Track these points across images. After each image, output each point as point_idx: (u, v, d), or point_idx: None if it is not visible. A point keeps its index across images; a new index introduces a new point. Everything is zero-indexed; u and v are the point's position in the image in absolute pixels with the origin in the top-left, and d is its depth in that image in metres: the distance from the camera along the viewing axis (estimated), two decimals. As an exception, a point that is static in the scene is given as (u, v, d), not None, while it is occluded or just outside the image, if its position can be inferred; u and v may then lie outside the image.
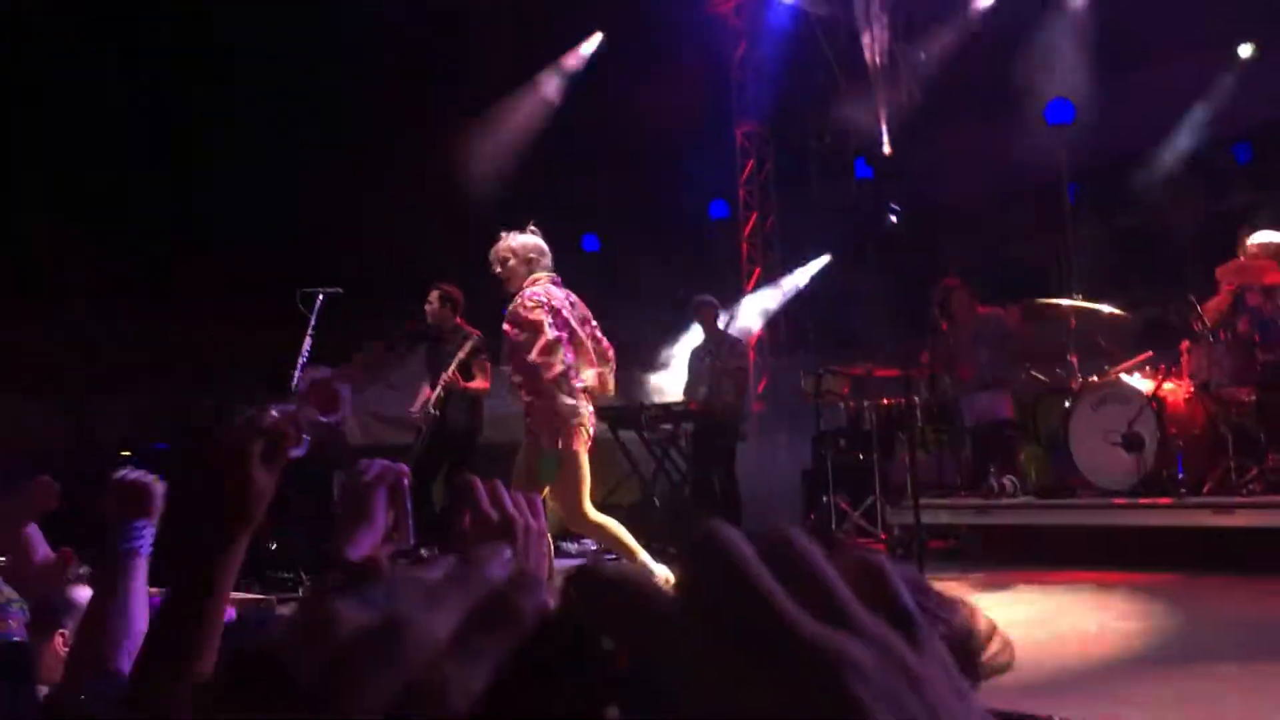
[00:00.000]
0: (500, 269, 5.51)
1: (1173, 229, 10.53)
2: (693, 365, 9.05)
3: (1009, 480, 7.13)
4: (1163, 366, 6.66)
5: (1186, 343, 6.62)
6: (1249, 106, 9.84)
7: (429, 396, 7.68)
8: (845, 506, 8.17)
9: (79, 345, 9.82)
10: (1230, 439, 6.30)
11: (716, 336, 8.99)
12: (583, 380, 5.33)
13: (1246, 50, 10.16)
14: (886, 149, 11.44)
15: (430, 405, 7.55)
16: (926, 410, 7.78)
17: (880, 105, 11.36)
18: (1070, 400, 6.91)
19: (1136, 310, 7.50)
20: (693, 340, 9.49)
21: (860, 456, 8.38)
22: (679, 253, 12.76)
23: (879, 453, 8.13)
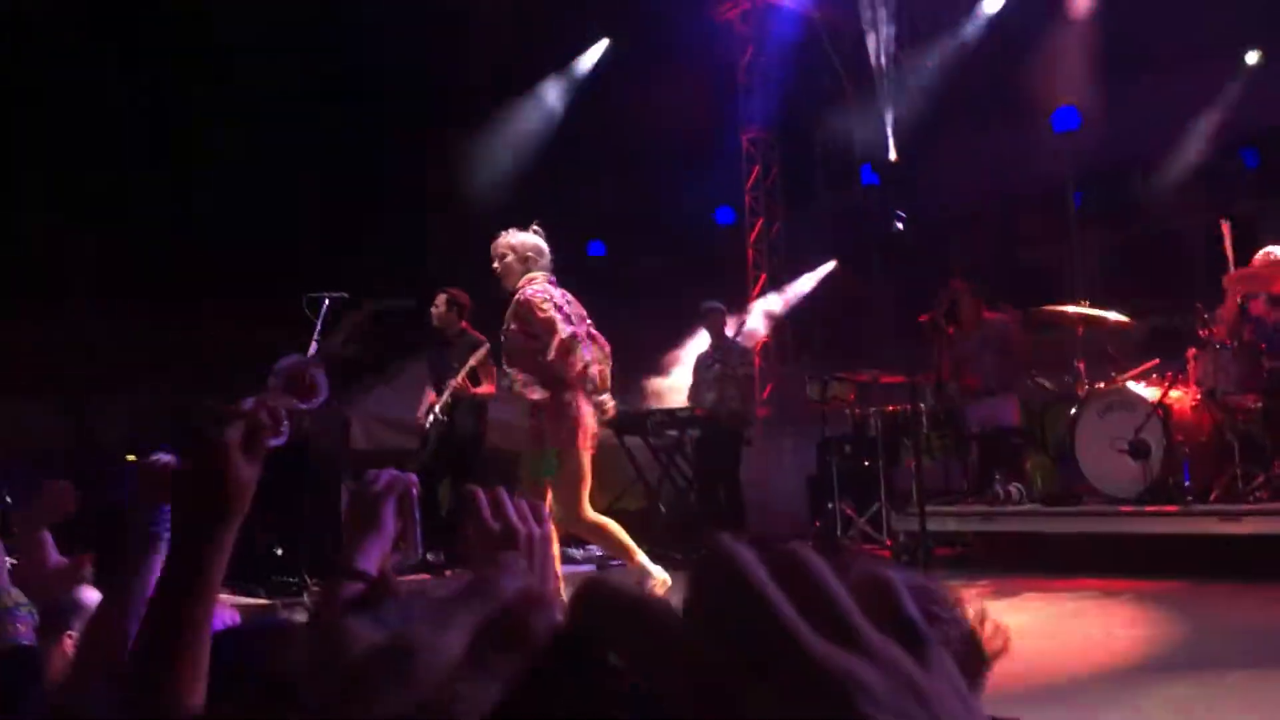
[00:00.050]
0: (497, 264, 5.47)
1: (1179, 236, 10.52)
2: (699, 371, 9.04)
3: (1015, 487, 7.11)
4: (1169, 374, 6.64)
5: (1193, 350, 6.60)
6: (1256, 112, 9.82)
7: (434, 402, 7.68)
8: (850, 513, 8.15)
9: (79, 345, 9.84)
10: (1237, 446, 6.28)
11: (724, 343, 8.99)
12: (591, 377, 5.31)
13: (1253, 57, 10.14)
14: (892, 155, 11.44)
15: (438, 411, 7.56)
16: (932, 416, 7.76)
17: (886, 112, 11.36)
18: (1077, 407, 6.89)
19: (1143, 317, 7.49)
20: (699, 346, 9.48)
21: (866, 463, 8.36)
22: (684, 259, 12.77)
23: (884, 459, 8.11)
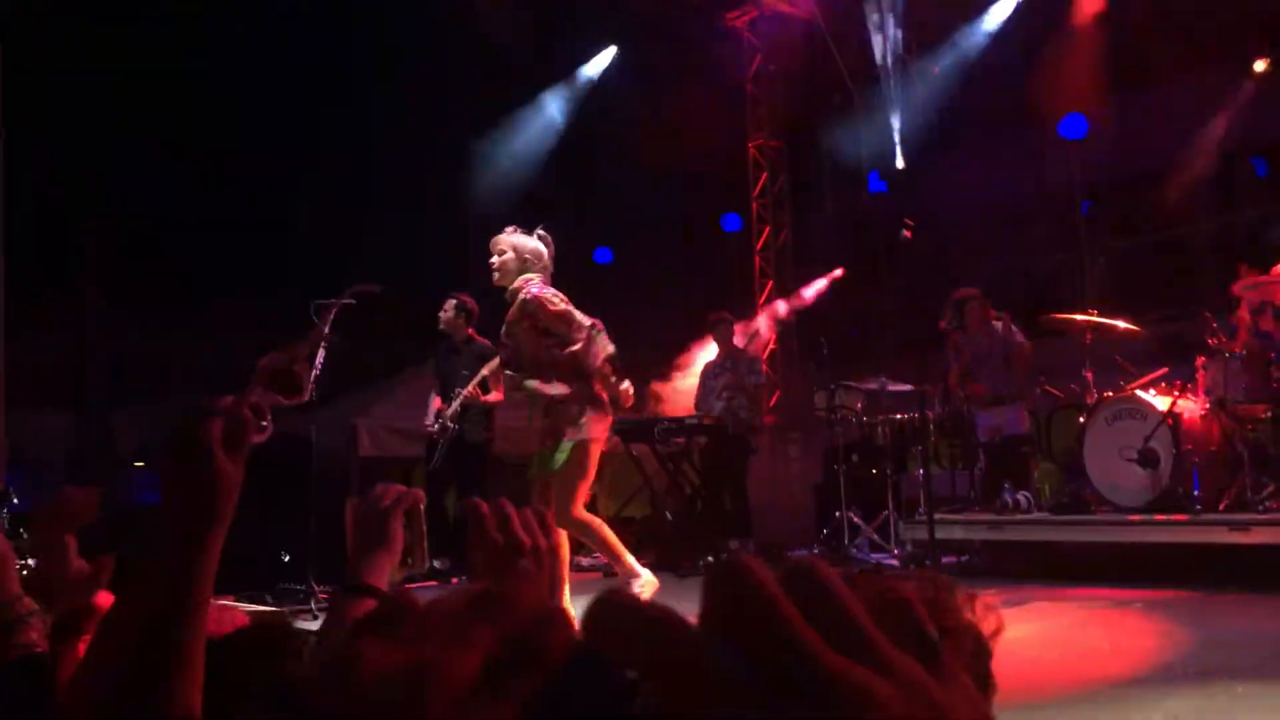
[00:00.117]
0: (496, 259, 5.40)
1: (1187, 244, 10.49)
2: (706, 380, 9.04)
3: (1023, 496, 7.09)
4: (1178, 382, 6.62)
5: (1202, 359, 6.59)
6: (1266, 120, 9.80)
7: (441, 408, 7.69)
8: (858, 521, 8.13)
9: (102, 357, 9.87)
10: (1246, 456, 6.26)
11: (732, 353, 9.00)
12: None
13: (1261, 66, 10.12)
14: (900, 163, 11.43)
15: (448, 419, 7.57)
16: (940, 425, 7.75)
17: (894, 119, 11.36)
18: (1085, 416, 6.88)
19: (1150, 325, 7.47)
20: (706, 354, 9.48)
21: (873, 471, 8.35)
22: (692, 266, 12.78)
23: (892, 467, 8.09)
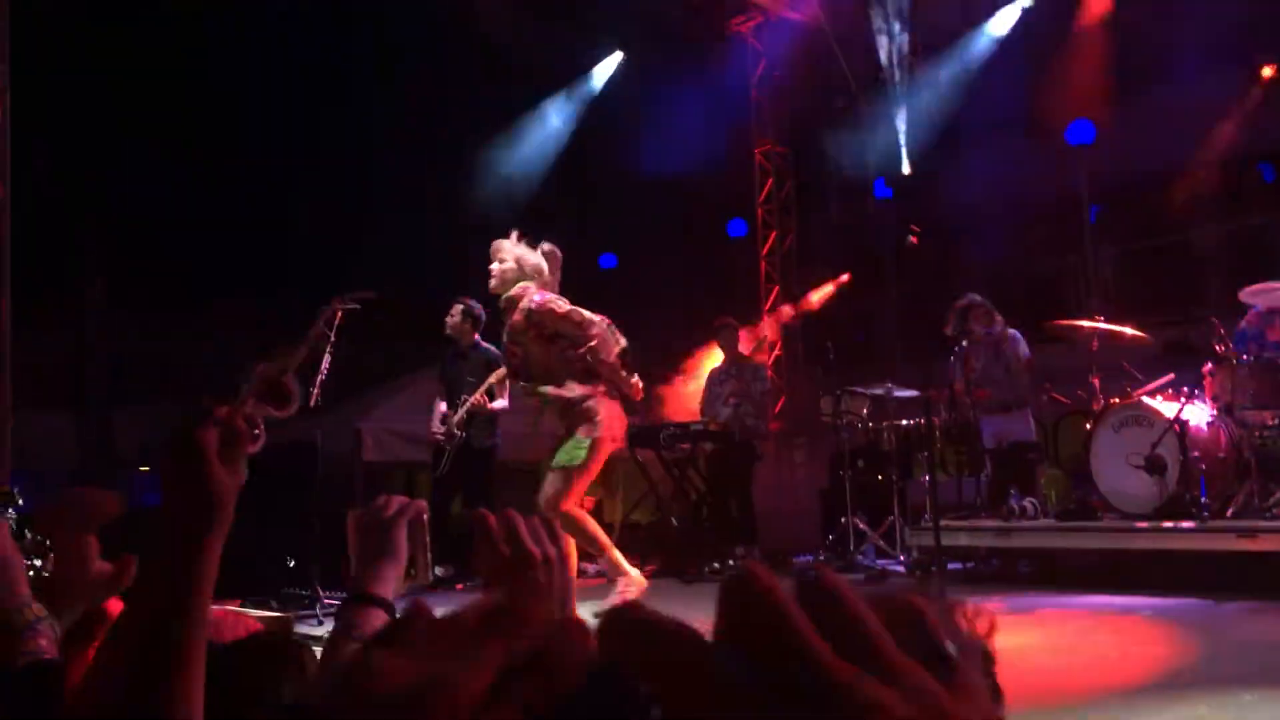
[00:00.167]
0: (496, 265, 5.35)
1: (1195, 249, 10.48)
2: (712, 386, 9.04)
3: (1029, 502, 7.07)
4: (1185, 389, 6.60)
5: (1209, 365, 6.57)
6: (1274, 125, 9.79)
7: (447, 414, 7.69)
8: (864, 527, 8.12)
9: (102, 357, 9.88)
10: (1254, 462, 6.24)
11: (738, 359, 9.00)
12: None
13: (1269, 72, 10.12)
14: (906, 169, 11.43)
15: (455, 425, 7.57)
16: (946, 431, 7.74)
17: (899, 125, 11.36)
18: (1092, 422, 6.86)
19: (1156, 331, 7.46)
20: (711, 359, 9.49)
21: (879, 477, 8.34)
22: (697, 271, 12.79)
23: (898, 473, 8.08)
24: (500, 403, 7.57)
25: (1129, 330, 7.11)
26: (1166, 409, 6.47)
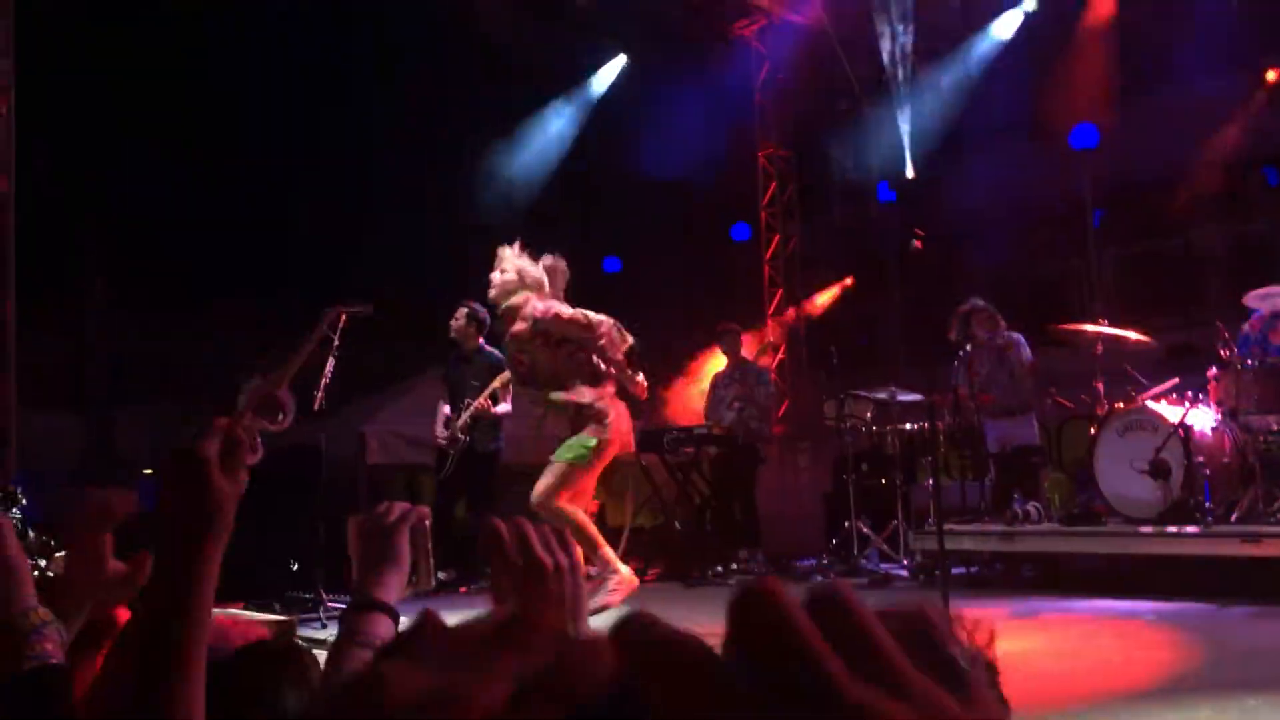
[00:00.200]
0: (498, 274, 5.33)
1: (1198, 253, 10.46)
2: (717, 390, 9.03)
3: (1033, 507, 7.06)
4: (1189, 394, 6.59)
5: (1214, 370, 6.56)
6: (1277, 129, 9.78)
7: (451, 418, 7.69)
8: (867, 531, 8.11)
9: (103, 357, 9.88)
10: (1258, 467, 6.23)
11: (741, 364, 9.00)
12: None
13: (1273, 76, 10.11)
14: (910, 172, 11.43)
15: (459, 430, 7.57)
16: (950, 435, 7.72)
17: (903, 129, 11.36)
18: (1096, 427, 6.85)
19: (1160, 335, 7.45)
20: (714, 363, 9.49)
21: (883, 481, 8.33)
22: (700, 274, 12.78)
23: (902, 477, 8.07)
24: (504, 407, 7.57)
25: (1133, 334, 7.10)
26: (1171, 413, 6.45)
